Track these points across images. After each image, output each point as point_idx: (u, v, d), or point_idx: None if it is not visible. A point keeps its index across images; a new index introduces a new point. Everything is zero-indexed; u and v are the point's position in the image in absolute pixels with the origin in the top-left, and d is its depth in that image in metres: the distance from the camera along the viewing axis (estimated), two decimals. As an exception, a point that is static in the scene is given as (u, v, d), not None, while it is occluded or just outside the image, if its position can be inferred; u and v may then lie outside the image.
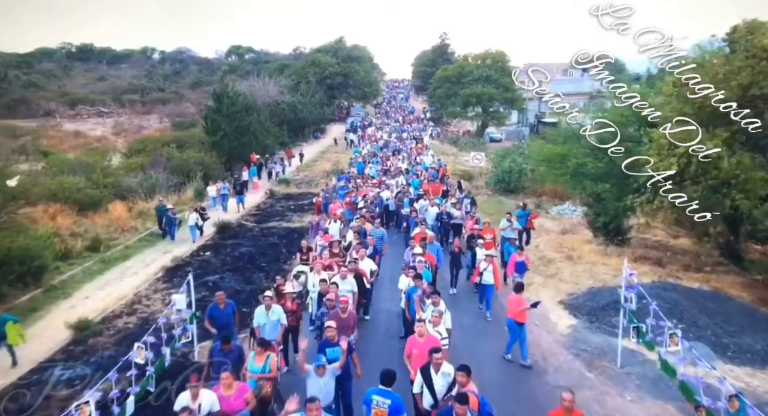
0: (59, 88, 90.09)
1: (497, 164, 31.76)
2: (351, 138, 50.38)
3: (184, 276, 16.43)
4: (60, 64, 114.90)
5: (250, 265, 17.53)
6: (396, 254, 17.24)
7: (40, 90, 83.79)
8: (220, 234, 21.45)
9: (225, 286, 15.35)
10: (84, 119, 74.58)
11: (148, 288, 15.37)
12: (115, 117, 75.77)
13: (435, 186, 23.67)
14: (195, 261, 18.04)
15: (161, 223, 20.98)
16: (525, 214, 18.09)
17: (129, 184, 27.08)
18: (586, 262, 17.53)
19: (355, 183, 24.48)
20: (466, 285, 14.90)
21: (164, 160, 32.40)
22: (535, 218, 18.68)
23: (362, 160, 32.41)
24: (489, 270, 12.38)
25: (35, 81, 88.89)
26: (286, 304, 10.05)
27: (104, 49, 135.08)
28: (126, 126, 68.72)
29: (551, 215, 26.25)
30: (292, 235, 21.26)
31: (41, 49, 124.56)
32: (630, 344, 10.70)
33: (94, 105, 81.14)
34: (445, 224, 18.11)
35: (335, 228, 15.92)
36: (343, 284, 10.55)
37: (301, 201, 28.63)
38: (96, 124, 70.78)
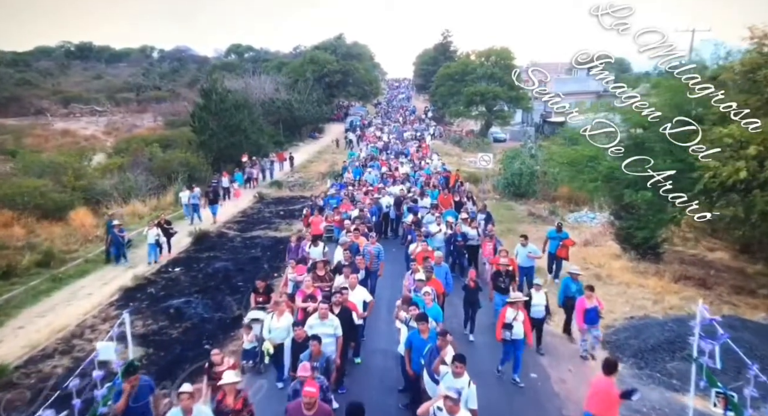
0: (53, 86, 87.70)
1: (506, 166, 29.22)
2: (351, 138, 47.92)
3: (144, 298, 14.05)
4: (57, 63, 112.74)
5: (224, 285, 15.00)
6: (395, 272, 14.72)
7: (33, 88, 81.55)
8: (196, 246, 18.92)
9: (190, 313, 12.88)
10: (77, 118, 72.14)
11: (98, 316, 12.82)
12: (108, 115, 73.47)
13: (443, 196, 19.80)
14: (160, 280, 15.49)
15: (108, 242, 17.17)
16: (558, 238, 14.44)
17: (103, 187, 24.58)
18: (619, 283, 14.96)
19: (348, 191, 20.97)
20: (485, 328, 11.29)
21: (146, 161, 29.95)
22: (571, 245, 14.79)
23: (359, 164, 29.09)
24: (519, 319, 9.39)
25: (29, 79, 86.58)
26: (224, 402, 6.61)
27: (103, 48, 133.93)
28: (119, 125, 66.56)
29: (568, 222, 23.75)
30: (277, 247, 18.74)
31: (40, 48, 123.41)
32: (701, 401, 8.09)
33: (88, 103, 78.65)
34: (459, 247, 14.67)
35: (316, 252, 12.76)
36: (322, 326, 8.03)
37: (292, 205, 26.13)
38: (89, 122, 68.39)
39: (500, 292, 11.13)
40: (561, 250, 14.30)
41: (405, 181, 22.82)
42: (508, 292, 10.57)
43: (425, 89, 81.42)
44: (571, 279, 11.08)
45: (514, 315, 9.34)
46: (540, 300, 10.60)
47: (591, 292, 10.26)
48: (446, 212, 17.16)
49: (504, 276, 11.25)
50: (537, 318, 10.44)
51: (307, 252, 12.68)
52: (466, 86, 56.92)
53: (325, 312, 8.07)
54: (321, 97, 59.80)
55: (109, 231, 17.00)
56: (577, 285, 10.95)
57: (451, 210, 17.97)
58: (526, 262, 13.35)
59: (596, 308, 10.11)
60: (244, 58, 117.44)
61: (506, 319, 9.33)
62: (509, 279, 11.12)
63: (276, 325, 8.69)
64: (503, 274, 11.30)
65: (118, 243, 16.90)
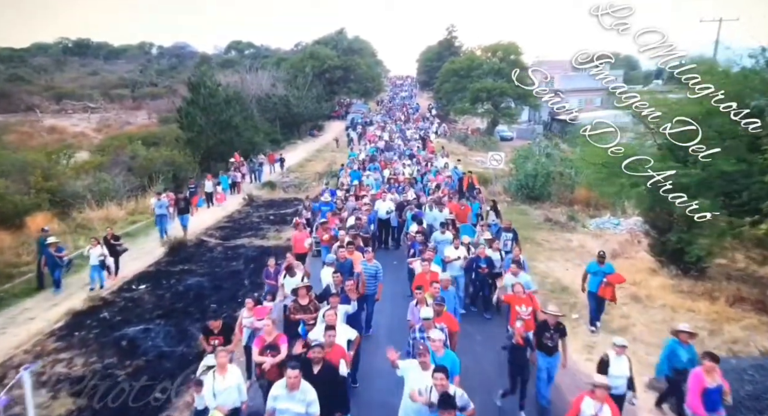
0: (46, 82, 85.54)
1: (519, 166, 26.85)
2: (352, 136, 45.55)
3: (95, 326, 11.67)
4: (53, 59, 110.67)
5: (195, 306, 12.64)
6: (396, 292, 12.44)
7: (25, 84, 79.42)
8: (170, 257, 16.57)
9: (146, 346, 10.55)
10: (68, 114, 70.05)
11: (31, 351, 10.45)
12: (102, 112, 71.26)
13: (457, 206, 16.23)
14: (119, 301, 13.10)
15: (40, 264, 13.91)
16: (601, 272, 10.92)
17: (74, 189, 22.25)
18: (662, 306, 12.59)
19: (339, 198, 17.20)
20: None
21: (127, 159, 27.66)
22: (620, 282, 11.19)
23: (358, 166, 25.74)
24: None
25: (21, 75, 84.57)
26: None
27: (101, 44, 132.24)
28: (111, 122, 64.51)
29: (589, 229, 21.39)
30: (262, 259, 16.29)
31: (37, 44, 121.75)
32: None
33: (81, 100, 76.48)
34: (482, 276, 11.49)
35: (292, 284, 9.62)
36: (290, 400, 5.65)
37: (284, 209, 23.78)
38: (80, 119, 66.21)
39: (546, 353, 7.96)
40: (605, 289, 10.85)
41: (411, 185, 19.78)
42: (557, 352, 7.96)
43: (429, 86, 78.97)
44: (679, 342, 7.60)
45: (597, 411, 6.03)
46: (621, 368, 7.20)
47: (713, 363, 6.61)
48: (463, 228, 14.17)
49: (552, 331, 7.91)
50: (616, 395, 6.93)
51: (281, 284, 10.03)
52: (472, 82, 54.59)
53: (295, 382, 5.62)
54: (321, 94, 57.47)
55: (43, 250, 13.75)
56: (689, 352, 7.54)
57: (469, 225, 14.79)
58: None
59: (720, 388, 6.60)
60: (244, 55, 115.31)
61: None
62: (558, 335, 7.99)
63: (221, 386, 6.35)
64: (551, 328, 7.94)
65: (53, 266, 13.70)
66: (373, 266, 10.63)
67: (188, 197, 20.03)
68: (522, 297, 8.83)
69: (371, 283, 10.50)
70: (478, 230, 13.78)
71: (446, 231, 12.92)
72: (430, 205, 15.91)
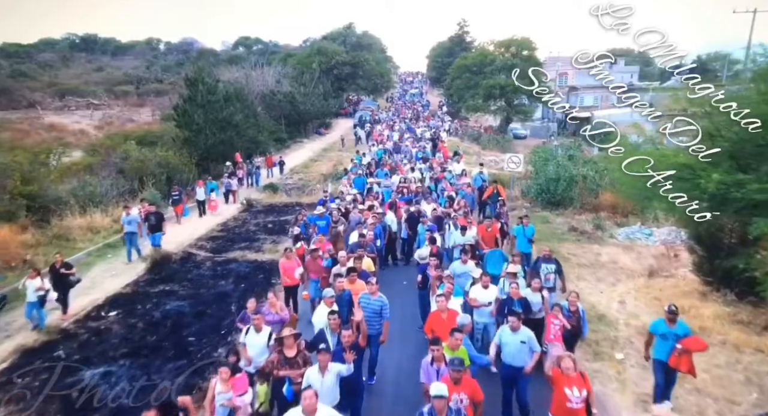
0: (50, 78, 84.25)
1: (539, 169, 24.80)
2: (360, 134, 43.61)
3: (43, 369, 9.70)
4: (59, 55, 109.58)
5: (170, 341, 10.77)
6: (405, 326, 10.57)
7: (28, 80, 78.20)
8: (150, 275, 14.72)
9: (102, 397, 8.69)
10: (71, 111, 68.69)
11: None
12: (105, 109, 69.82)
13: (483, 228, 13.18)
14: (83, 332, 11.24)
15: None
16: (673, 336, 7.97)
17: (57, 194, 20.50)
18: (722, 343, 10.59)
19: (337, 212, 14.38)
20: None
21: (118, 160, 25.91)
22: (701, 349, 8.00)
23: (363, 171, 22.78)
24: None
25: (24, 70, 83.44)
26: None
27: (108, 40, 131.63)
28: (113, 119, 62.97)
29: (618, 240, 19.33)
30: (255, 276, 14.59)
31: (44, 40, 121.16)
32: None
33: (85, 96, 75.07)
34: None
35: (257, 343, 7.66)
36: None
37: (284, 215, 21.89)
38: (83, 116, 64.79)
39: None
40: (680, 359, 7.78)
41: (425, 195, 17.24)
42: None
43: (440, 83, 76.85)
44: None
45: None
46: None
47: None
48: (490, 255, 11.39)
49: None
50: None
51: (243, 344, 7.62)
52: (485, 78, 52.60)
53: None
54: (328, 90, 55.52)
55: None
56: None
57: (499, 251, 11.73)
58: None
59: None
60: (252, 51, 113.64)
61: None
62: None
63: None
64: None
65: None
66: (377, 301, 8.66)
67: (160, 213, 17.00)
68: (571, 375, 6.44)
69: (374, 321, 8.59)
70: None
71: (467, 260, 10.49)
72: (455, 222, 13.17)
